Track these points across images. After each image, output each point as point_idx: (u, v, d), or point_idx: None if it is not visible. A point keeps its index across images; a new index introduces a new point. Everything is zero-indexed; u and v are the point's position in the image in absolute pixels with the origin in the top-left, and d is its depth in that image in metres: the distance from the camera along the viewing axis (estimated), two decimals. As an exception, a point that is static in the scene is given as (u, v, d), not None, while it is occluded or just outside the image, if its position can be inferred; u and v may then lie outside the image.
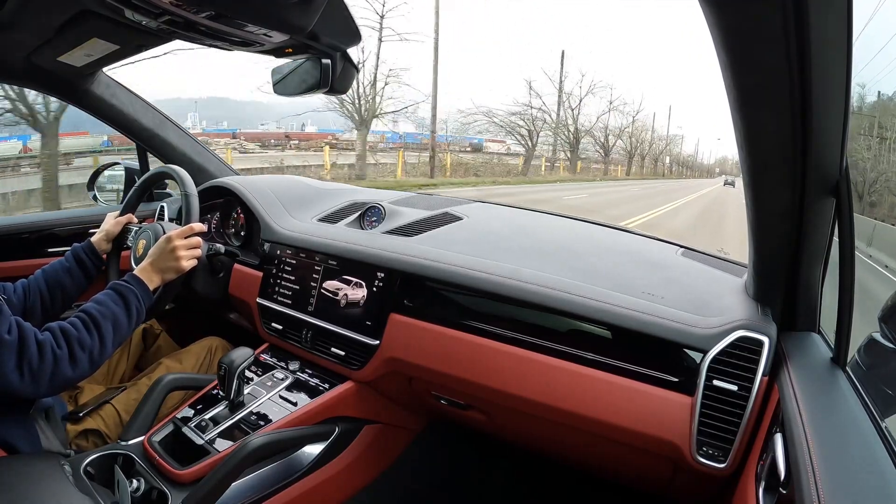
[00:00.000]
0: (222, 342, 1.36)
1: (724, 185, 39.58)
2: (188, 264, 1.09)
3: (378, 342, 1.06)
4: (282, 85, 1.00)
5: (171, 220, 1.32)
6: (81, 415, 1.05)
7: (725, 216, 12.98)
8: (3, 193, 7.91)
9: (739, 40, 0.47)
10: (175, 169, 1.21)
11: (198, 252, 1.11)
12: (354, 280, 1.13)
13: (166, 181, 1.56)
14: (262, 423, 1.02)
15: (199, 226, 1.11)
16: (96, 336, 0.87)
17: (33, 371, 0.79)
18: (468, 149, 23.65)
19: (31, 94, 6.21)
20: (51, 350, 0.81)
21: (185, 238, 1.08)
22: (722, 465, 0.77)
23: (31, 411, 0.93)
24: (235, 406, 1.04)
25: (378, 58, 13.74)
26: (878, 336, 0.84)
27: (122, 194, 1.67)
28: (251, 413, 1.04)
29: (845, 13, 0.45)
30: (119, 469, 0.93)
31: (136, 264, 1.08)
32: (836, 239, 0.67)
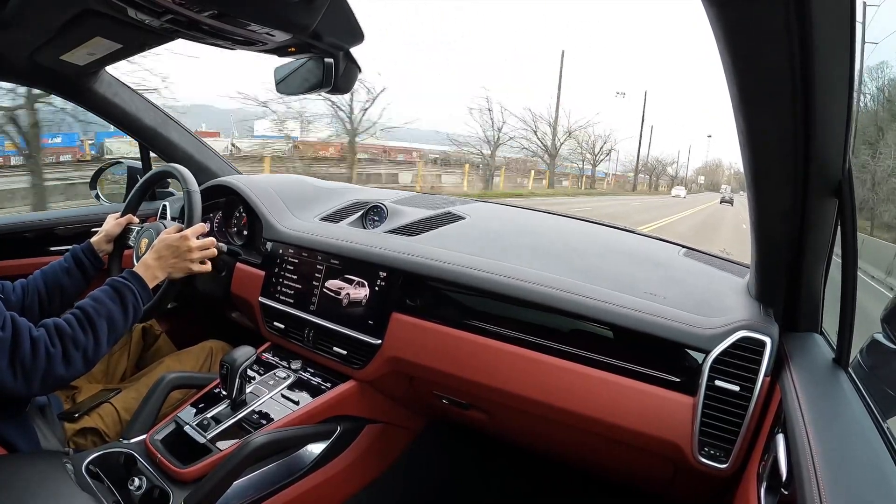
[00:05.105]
0: (222, 345, 1.36)
1: (721, 202, 33.97)
2: (201, 267, 1.08)
3: (380, 341, 1.07)
4: (284, 84, 1.00)
5: (173, 218, 1.32)
6: (79, 414, 1.05)
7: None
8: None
9: (741, 38, 0.47)
10: (177, 167, 1.21)
11: (212, 253, 1.10)
12: (357, 279, 1.13)
13: (168, 180, 1.56)
14: (263, 422, 1.02)
15: (201, 225, 1.11)
16: (91, 335, 0.85)
17: (26, 369, 0.78)
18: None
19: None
20: (44, 348, 0.79)
21: (199, 238, 1.07)
22: (723, 466, 0.77)
23: (27, 409, 0.93)
24: (237, 405, 1.04)
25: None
26: (880, 337, 0.84)
27: (124, 193, 1.67)
28: (253, 412, 1.04)
29: (848, 11, 0.44)
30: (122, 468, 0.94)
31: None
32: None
